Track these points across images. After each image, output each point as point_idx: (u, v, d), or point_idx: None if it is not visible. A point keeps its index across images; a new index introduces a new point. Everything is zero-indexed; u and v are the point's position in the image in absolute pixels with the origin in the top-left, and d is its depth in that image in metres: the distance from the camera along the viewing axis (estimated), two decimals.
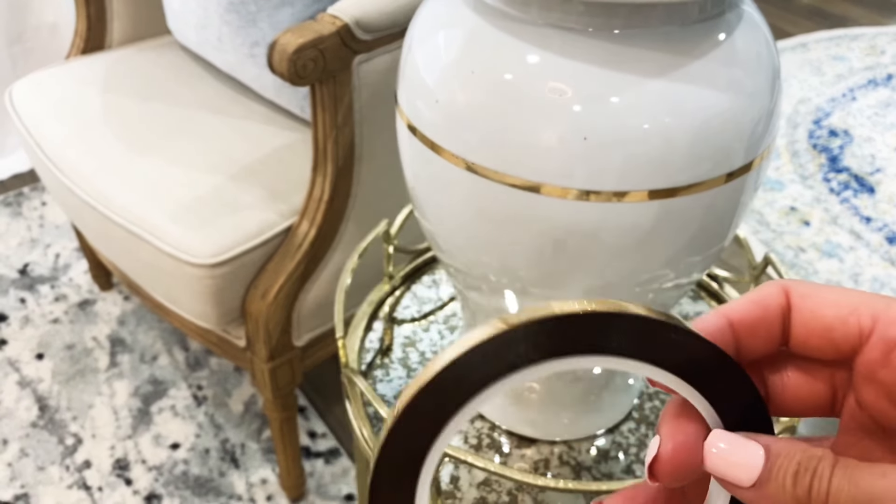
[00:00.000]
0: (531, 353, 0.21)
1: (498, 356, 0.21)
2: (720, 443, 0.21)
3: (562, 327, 0.21)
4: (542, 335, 0.20)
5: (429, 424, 0.21)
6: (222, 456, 1.16)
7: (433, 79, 0.50)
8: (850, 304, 0.21)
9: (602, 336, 0.21)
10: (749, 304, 0.22)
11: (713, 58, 0.47)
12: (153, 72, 1.13)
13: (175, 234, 0.87)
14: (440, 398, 0.21)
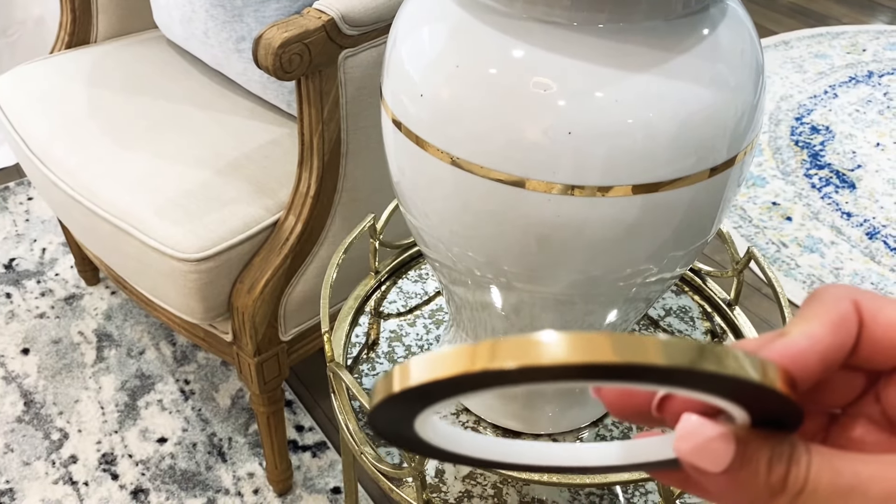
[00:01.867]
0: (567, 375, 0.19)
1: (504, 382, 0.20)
2: (690, 427, 0.20)
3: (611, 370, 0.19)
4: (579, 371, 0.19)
5: (404, 414, 0.22)
6: (209, 450, 1.16)
7: (418, 73, 0.50)
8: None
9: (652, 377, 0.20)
10: (831, 327, 0.21)
11: (697, 53, 0.48)
12: (139, 66, 1.12)
13: (161, 229, 0.87)
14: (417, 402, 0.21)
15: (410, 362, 0.20)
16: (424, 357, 0.20)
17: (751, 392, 0.20)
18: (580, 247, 0.52)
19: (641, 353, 0.19)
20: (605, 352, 0.19)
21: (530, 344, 0.19)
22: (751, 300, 1.33)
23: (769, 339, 0.21)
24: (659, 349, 0.19)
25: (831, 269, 1.47)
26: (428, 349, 0.72)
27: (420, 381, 0.20)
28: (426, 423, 0.23)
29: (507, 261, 0.56)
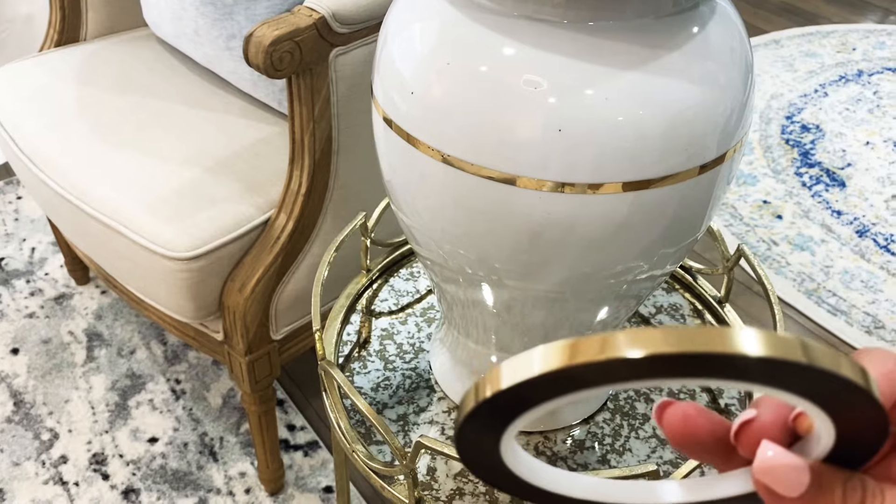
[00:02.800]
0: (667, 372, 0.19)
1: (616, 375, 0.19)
2: (768, 453, 0.21)
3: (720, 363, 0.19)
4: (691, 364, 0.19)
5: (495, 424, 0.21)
6: (201, 449, 1.16)
7: (409, 71, 0.50)
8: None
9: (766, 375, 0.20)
10: (883, 378, 0.22)
11: (687, 50, 0.48)
12: (129, 64, 1.12)
13: (151, 228, 0.87)
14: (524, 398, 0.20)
15: (498, 368, 0.19)
16: (510, 361, 0.19)
17: (847, 396, 0.20)
18: (571, 244, 0.52)
19: (731, 344, 0.18)
20: (731, 344, 0.18)
21: (653, 334, 0.19)
22: (742, 298, 1.34)
23: None
24: (762, 341, 0.19)
25: (822, 268, 1.48)
26: (420, 347, 0.72)
27: (513, 382, 0.19)
28: (511, 447, 0.22)
29: (498, 258, 0.56)
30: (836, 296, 1.42)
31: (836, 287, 1.44)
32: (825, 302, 1.41)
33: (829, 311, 1.39)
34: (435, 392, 0.68)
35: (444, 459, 0.63)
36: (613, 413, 0.66)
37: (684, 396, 0.66)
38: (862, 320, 1.37)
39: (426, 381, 0.69)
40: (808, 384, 0.20)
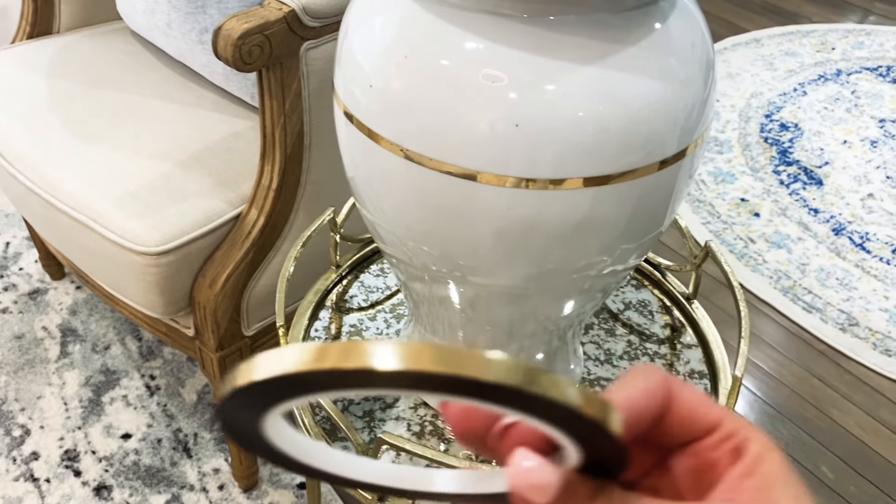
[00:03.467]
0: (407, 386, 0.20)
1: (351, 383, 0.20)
2: (523, 461, 0.22)
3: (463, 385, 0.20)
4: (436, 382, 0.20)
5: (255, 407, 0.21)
6: (174, 446, 1.15)
7: (368, 64, 0.50)
8: (708, 402, 0.25)
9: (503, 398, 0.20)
10: (644, 393, 0.24)
11: (647, 46, 0.48)
12: (102, 57, 1.11)
13: (121, 222, 0.86)
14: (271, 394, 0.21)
15: (259, 356, 0.20)
16: (272, 352, 0.20)
17: (582, 426, 0.21)
18: (534, 240, 0.52)
19: (482, 369, 0.19)
20: (450, 364, 0.19)
21: (379, 349, 0.19)
22: (717, 294, 1.34)
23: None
24: (502, 368, 0.19)
25: (798, 265, 1.48)
26: None
27: (265, 375, 0.19)
28: (274, 425, 0.23)
29: (461, 255, 0.55)
30: (812, 293, 1.43)
31: (812, 285, 1.45)
32: (801, 299, 1.42)
33: (805, 309, 1.40)
34: None
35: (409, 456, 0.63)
36: None
37: None
38: (836, 318, 1.38)
39: None
40: (548, 413, 0.21)
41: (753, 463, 0.24)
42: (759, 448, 0.25)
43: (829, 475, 1.16)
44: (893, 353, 1.33)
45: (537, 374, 0.20)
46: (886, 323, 1.37)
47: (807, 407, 1.25)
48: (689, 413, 0.25)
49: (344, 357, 0.19)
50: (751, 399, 1.26)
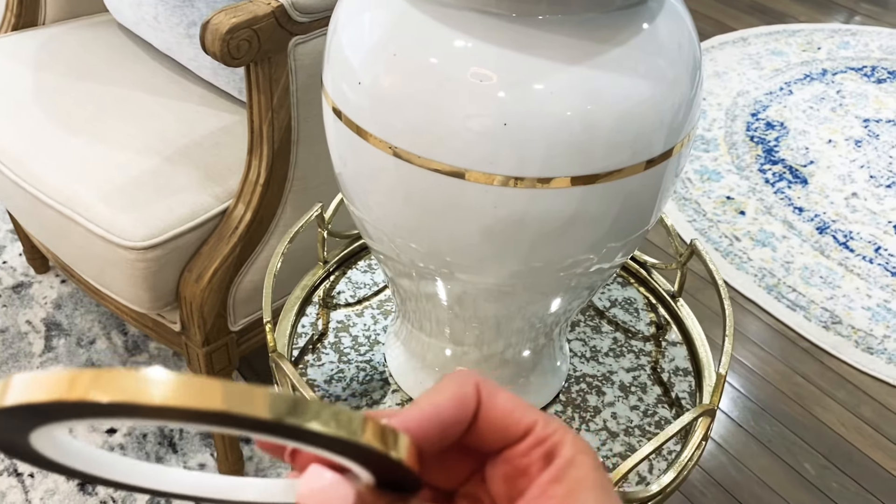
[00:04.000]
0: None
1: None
2: (312, 478, 0.22)
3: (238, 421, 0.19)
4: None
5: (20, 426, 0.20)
6: (160, 440, 1.15)
7: (357, 60, 0.50)
8: (522, 407, 0.25)
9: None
10: (453, 400, 0.24)
11: (635, 45, 0.48)
12: (88, 50, 1.10)
13: (107, 216, 0.85)
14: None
15: (13, 379, 0.19)
16: (28, 376, 0.19)
17: (367, 455, 0.21)
18: (521, 238, 0.52)
19: (248, 404, 0.19)
20: (214, 399, 0.18)
21: (135, 379, 0.18)
22: (702, 293, 1.35)
23: (406, 408, 0.24)
24: (266, 402, 0.19)
25: (782, 263, 1.50)
26: (375, 340, 0.72)
27: (15, 402, 0.18)
28: (45, 437, 0.22)
29: (449, 252, 0.56)
30: (796, 291, 1.44)
31: (796, 283, 1.46)
32: (785, 297, 1.43)
33: (789, 307, 1.41)
34: (389, 385, 0.68)
35: None
36: (565, 405, 0.66)
37: (635, 389, 0.66)
38: (820, 315, 1.40)
39: (381, 374, 0.69)
40: (331, 446, 0.20)
41: (563, 468, 0.24)
42: (570, 452, 0.24)
43: (811, 472, 1.17)
44: (875, 350, 1.34)
45: (310, 408, 0.19)
46: (869, 321, 1.39)
47: (790, 404, 1.26)
48: (502, 418, 0.25)
49: (100, 386, 0.18)
50: (734, 396, 1.27)
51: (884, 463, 1.18)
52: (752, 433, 1.22)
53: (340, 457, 0.21)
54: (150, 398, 0.18)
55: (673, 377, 0.67)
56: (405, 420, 0.23)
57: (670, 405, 0.65)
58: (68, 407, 0.19)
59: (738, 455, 1.18)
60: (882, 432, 1.22)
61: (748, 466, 1.17)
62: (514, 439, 0.25)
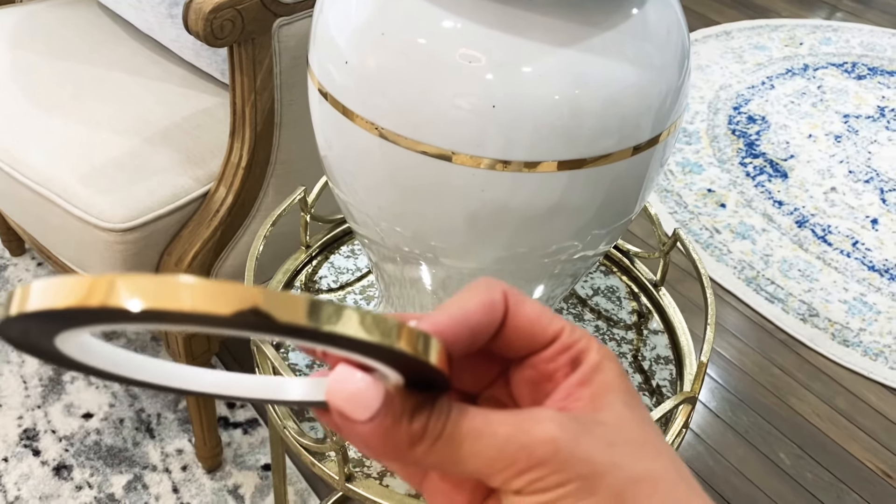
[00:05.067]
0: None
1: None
2: (341, 376, 0.22)
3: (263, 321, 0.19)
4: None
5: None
6: (137, 426, 1.14)
7: (344, 40, 0.49)
8: (548, 315, 0.25)
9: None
10: (482, 307, 0.24)
11: (623, 30, 0.48)
12: (67, 29, 1.08)
13: (85, 197, 0.84)
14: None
15: (33, 286, 0.19)
16: (47, 282, 0.19)
17: (399, 359, 0.21)
18: (507, 223, 0.52)
19: (290, 311, 0.19)
20: (249, 300, 0.18)
21: (164, 285, 0.18)
22: (683, 284, 1.36)
23: (435, 312, 0.24)
24: (303, 307, 0.19)
25: (761, 256, 1.51)
26: None
27: (36, 307, 0.18)
28: (71, 341, 0.21)
29: (434, 236, 0.55)
30: (775, 284, 1.45)
31: (775, 275, 1.47)
32: (763, 290, 1.44)
33: (767, 299, 1.42)
34: None
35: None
36: None
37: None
38: (797, 308, 1.41)
39: None
40: (368, 350, 0.20)
41: (589, 372, 0.25)
42: (596, 358, 0.25)
43: (786, 462, 1.18)
44: (851, 343, 1.36)
45: (345, 314, 0.20)
46: (845, 314, 1.41)
47: (766, 395, 1.28)
48: (529, 326, 0.25)
49: (150, 293, 0.18)
50: (713, 387, 1.28)
51: (857, 453, 1.20)
52: (730, 423, 1.23)
53: (372, 359, 0.21)
54: (181, 304, 0.18)
55: (654, 365, 0.67)
56: (435, 324, 0.23)
57: (651, 393, 0.66)
58: (91, 313, 0.18)
59: (715, 445, 1.19)
60: (856, 423, 1.24)
61: (725, 456, 1.18)
62: (540, 346, 0.25)
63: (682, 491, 0.23)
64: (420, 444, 0.22)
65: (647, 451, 0.23)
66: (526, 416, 0.23)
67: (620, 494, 0.22)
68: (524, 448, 0.22)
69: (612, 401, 0.24)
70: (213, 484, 1.08)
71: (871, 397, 1.28)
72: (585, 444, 0.22)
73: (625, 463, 0.22)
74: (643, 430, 0.24)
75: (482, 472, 0.23)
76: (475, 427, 0.22)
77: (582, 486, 0.22)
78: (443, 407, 0.23)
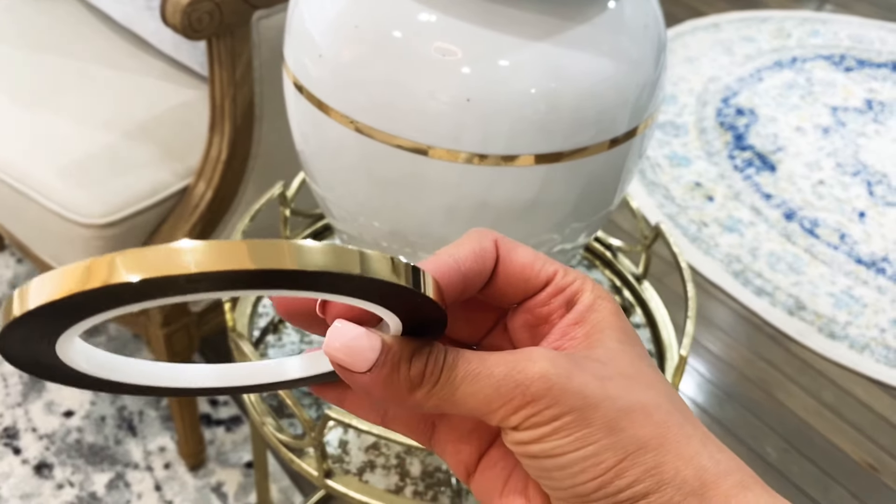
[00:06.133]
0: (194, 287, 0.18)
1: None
2: (339, 330, 0.22)
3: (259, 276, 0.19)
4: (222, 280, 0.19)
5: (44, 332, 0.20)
6: (119, 423, 1.13)
7: (318, 33, 0.49)
8: (541, 259, 0.26)
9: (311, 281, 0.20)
10: (472, 254, 0.25)
11: (600, 24, 0.47)
12: (44, 21, 1.06)
13: (63, 192, 0.83)
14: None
15: (31, 283, 0.18)
16: (45, 276, 0.18)
17: (397, 296, 0.21)
18: (485, 217, 0.52)
19: (277, 258, 0.19)
20: (242, 259, 0.18)
21: (160, 253, 0.18)
22: (670, 277, 1.36)
23: (424, 260, 0.24)
24: (295, 253, 0.19)
25: (749, 249, 1.51)
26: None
27: (38, 303, 0.18)
28: (70, 347, 0.21)
29: (412, 231, 0.55)
30: (762, 277, 1.45)
31: (763, 269, 1.47)
32: (751, 283, 1.44)
33: (755, 293, 1.42)
34: None
35: (357, 432, 0.62)
36: None
37: None
38: (785, 301, 1.41)
39: None
40: (365, 290, 0.21)
41: (583, 312, 0.25)
42: (590, 298, 0.25)
43: (772, 455, 1.18)
44: (837, 336, 1.36)
45: (343, 253, 0.20)
46: (832, 308, 1.41)
47: (753, 389, 1.28)
48: (521, 270, 0.25)
49: (150, 263, 0.18)
50: (699, 381, 1.28)
51: (843, 446, 1.20)
52: (717, 417, 1.23)
53: (369, 303, 0.21)
54: (184, 268, 0.18)
55: None
56: (425, 268, 0.23)
57: None
58: (94, 297, 0.18)
59: None
60: (843, 417, 1.24)
61: None
62: (533, 290, 0.26)
63: (676, 418, 0.24)
64: (420, 389, 0.23)
65: (639, 383, 0.24)
66: (520, 356, 0.23)
67: (614, 423, 0.23)
68: (519, 385, 0.23)
69: (606, 338, 0.25)
70: (195, 482, 1.07)
71: (857, 390, 1.28)
72: (578, 378, 0.23)
73: (617, 395, 0.23)
74: (636, 364, 0.24)
75: (480, 411, 0.23)
76: (471, 369, 0.23)
77: (576, 418, 0.22)
78: (439, 352, 0.23)
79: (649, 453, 0.23)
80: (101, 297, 0.18)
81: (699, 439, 0.24)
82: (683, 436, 0.23)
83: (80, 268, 0.18)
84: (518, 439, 0.23)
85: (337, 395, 0.27)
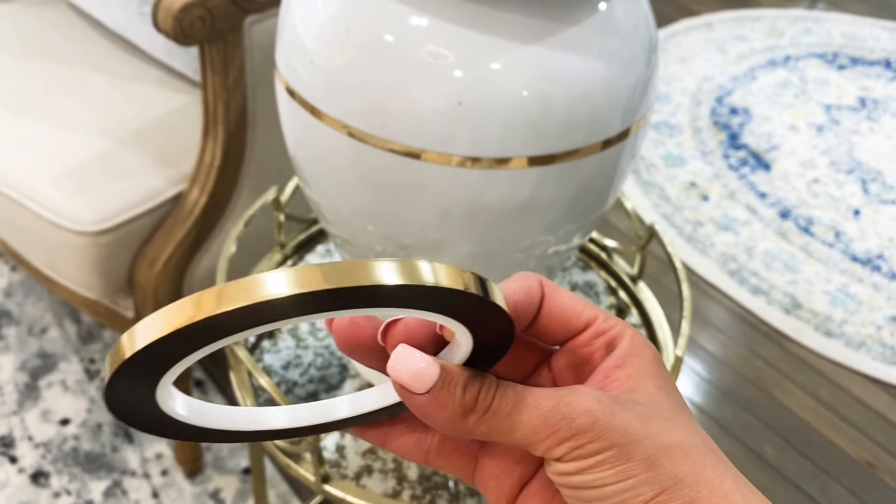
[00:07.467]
0: (295, 311, 0.20)
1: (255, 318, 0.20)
2: (402, 353, 0.24)
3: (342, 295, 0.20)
4: (318, 299, 0.20)
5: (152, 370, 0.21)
6: (115, 431, 1.12)
7: (310, 38, 0.48)
8: (582, 302, 0.28)
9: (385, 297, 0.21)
10: (521, 290, 0.26)
11: (590, 25, 0.47)
12: (36, 28, 1.06)
13: (56, 200, 0.83)
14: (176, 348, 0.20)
15: (136, 326, 0.19)
16: (149, 317, 0.19)
17: (469, 306, 0.23)
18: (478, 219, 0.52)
19: (352, 277, 0.20)
20: (318, 280, 0.19)
21: (255, 283, 0.19)
22: (666, 277, 1.36)
23: None
24: (369, 270, 0.20)
25: (745, 248, 1.51)
26: None
27: (149, 340, 0.19)
28: (168, 395, 0.23)
29: (406, 235, 0.55)
30: (758, 276, 1.45)
31: (758, 268, 1.47)
32: (747, 282, 1.44)
33: (751, 291, 1.42)
34: (348, 370, 0.67)
35: (354, 437, 0.62)
36: None
37: None
38: (781, 300, 1.41)
39: (338, 360, 0.68)
40: (440, 302, 0.22)
41: (623, 357, 0.27)
42: (631, 344, 0.27)
43: (770, 453, 1.18)
44: (833, 334, 1.36)
45: (415, 267, 0.21)
46: (828, 305, 1.41)
47: (750, 388, 1.28)
48: (564, 311, 0.27)
49: (231, 297, 0.19)
50: (696, 380, 1.28)
51: (841, 444, 1.20)
52: (714, 417, 1.23)
53: (441, 315, 0.23)
54: (276, 293, 0.19)
55: None
56: None
57: None
58: (199, 328, 0.19)
59: None
60: (839, 414, 1.24)
61: None
62: (575, 331, 0.27)
63: (711, 458, 0.25)
64: (472, 414, 0.25)
65: (677, 425, 0.25)
66: (567, 391, 0.25)
67: (653, 459, 0.24)
68: (565, 418, 0.24)
69: (647, 384, 0.26)
70: (193, 488, 1.07)
71: (854, 388, 1.29)
72: (621, 416, 0.24)
73: (657, 433, 0.25)
74: (673, 409, 0.26)
75: (527, 440, 0.25)
76: (521, 399, 0.25)
77: (618, 452, 0.24)
78: (492, 381, 0.25)
79: (685, 489, 0.24)
80: (206, 330, 0.19)
81: (732, 479, 0.25)
82: (717, 475, 0.24)
83: (187, 302, 0.19)
84: (561, 470, 0.24)
85: (380, 436, 0.29)
